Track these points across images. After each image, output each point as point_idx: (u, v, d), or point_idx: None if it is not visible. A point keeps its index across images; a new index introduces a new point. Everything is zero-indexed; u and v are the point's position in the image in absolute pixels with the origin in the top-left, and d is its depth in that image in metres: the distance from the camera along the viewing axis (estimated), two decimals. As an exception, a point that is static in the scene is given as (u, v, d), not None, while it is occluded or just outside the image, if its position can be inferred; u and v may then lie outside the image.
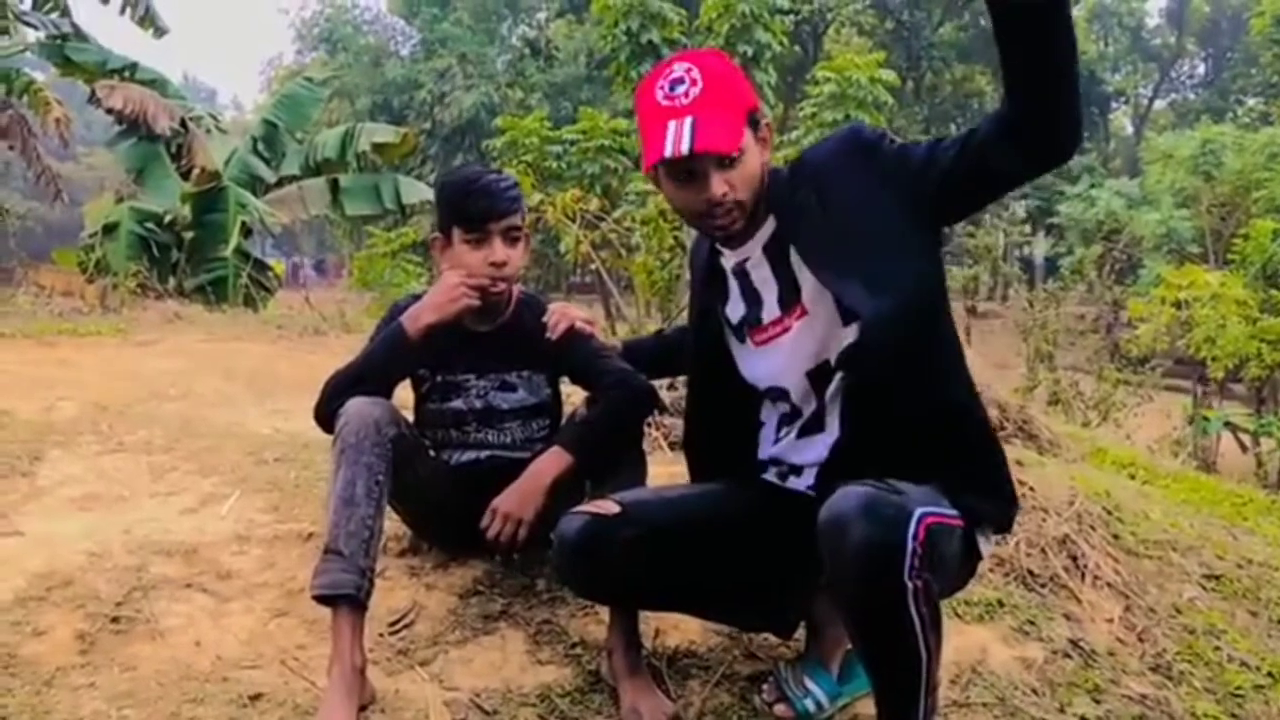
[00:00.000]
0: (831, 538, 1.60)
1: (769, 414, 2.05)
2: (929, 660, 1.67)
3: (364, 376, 2.24)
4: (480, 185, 2.27)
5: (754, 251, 1.92)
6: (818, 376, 1.90)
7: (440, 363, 2.41)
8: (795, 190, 1.86)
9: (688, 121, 1.74)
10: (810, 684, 2.09)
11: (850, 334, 1.81)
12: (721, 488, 2.06)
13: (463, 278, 2.25)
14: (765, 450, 2.05)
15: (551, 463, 2.20)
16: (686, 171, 1.80)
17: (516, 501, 2.17)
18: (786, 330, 1.92)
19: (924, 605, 1.62)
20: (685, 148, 1.73)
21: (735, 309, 2.00)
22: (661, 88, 1.79)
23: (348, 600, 1.95)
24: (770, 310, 1.94)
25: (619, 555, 1.87)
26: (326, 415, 2.17)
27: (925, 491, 1.67)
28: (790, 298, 1.90)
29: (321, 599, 1.97)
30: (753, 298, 1.96)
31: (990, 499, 1.84)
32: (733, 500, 2.02)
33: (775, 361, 1.96)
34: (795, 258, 1.86)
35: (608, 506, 1.91)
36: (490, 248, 2.26)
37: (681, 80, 1.79)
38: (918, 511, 1.61)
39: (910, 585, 1.59)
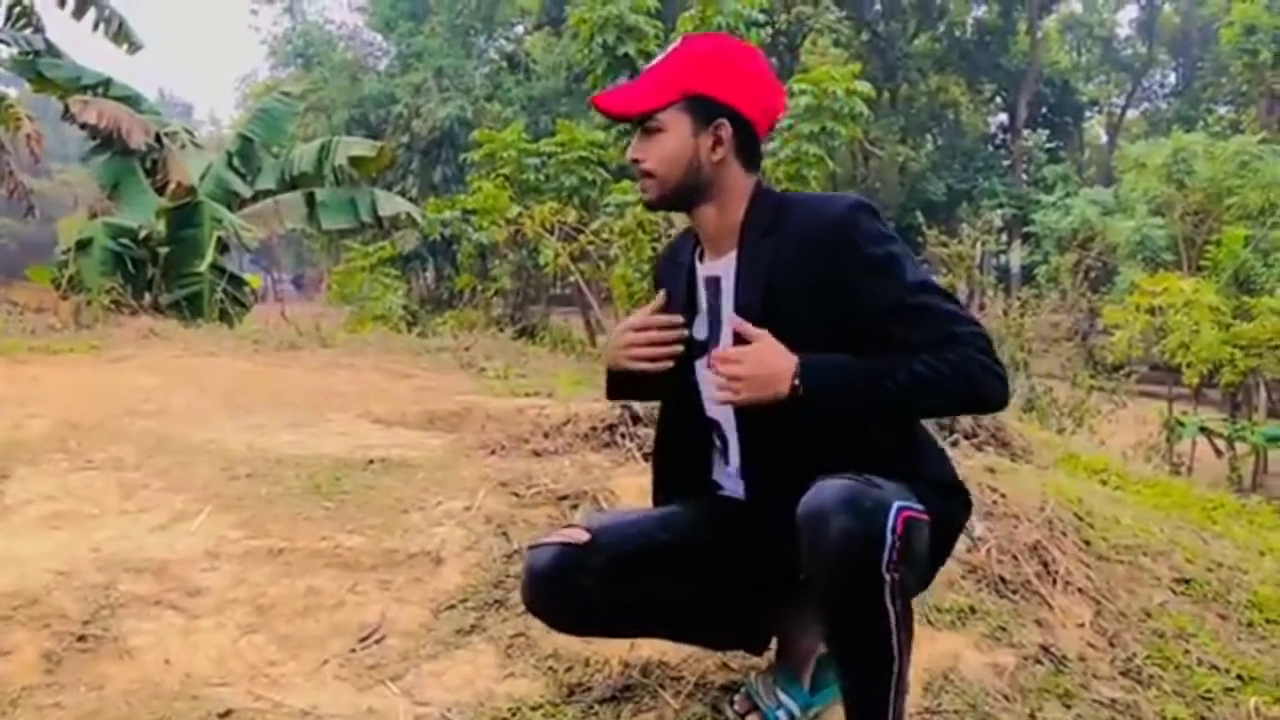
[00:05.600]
0: (811, 529, 1.62)
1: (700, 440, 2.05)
2: (900, 660, 1.69)
3: None
4: None
5: (731, 270, 1.88)
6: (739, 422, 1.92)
7: None
8: (769, 230, 1.84)
9: (628, 83, 1.93)
10: (782, 695, 2.09)
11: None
12: (684, 508, 2.03)
13: None
14: (716, 472, 2.06)
15: None
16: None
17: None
18: None
19: (899, 599, 1.64)
20: (592, 98, 1.92)
21: (700, 325, 1.95)
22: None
23: None
24: (726, 340, 1.89)
25: (591, 585, 1.85)
26: None
27: (898, 487, 1.68)
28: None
29: None
30: (716, 317, 1.92)
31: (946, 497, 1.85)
32: (697, 518, 1.99)
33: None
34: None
35: (576, 535, 1.88)
36: None
37: (663, 51, 1.90)
38: (896, 504, 1.62)
39: (888, 578, 1.61)
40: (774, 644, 2.18)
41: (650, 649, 2.34)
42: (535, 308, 15.44)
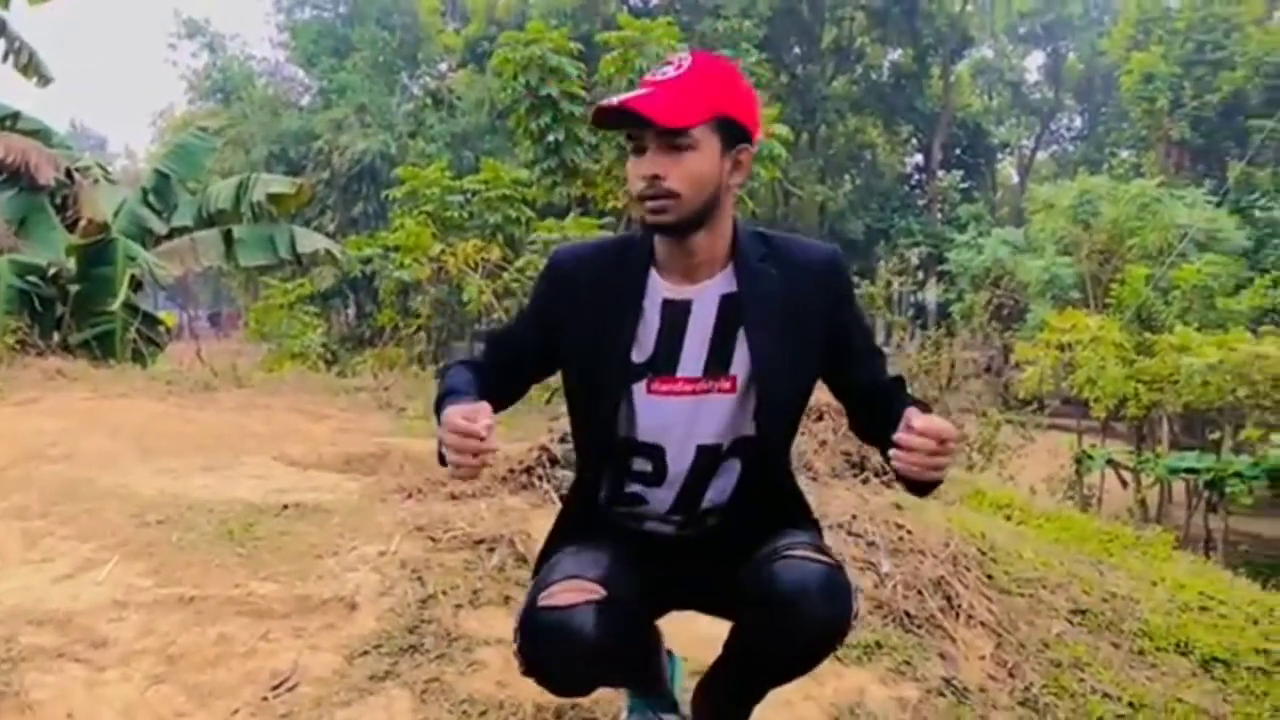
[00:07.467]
0: (794, 608, 1.68)
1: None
2: None
3: None
4: None
5: (707, 296, 1.81)
6: (703, 452, 1.85)
7: None
8: (764, 258, 1.82)
9: (645, 90, 1.70)
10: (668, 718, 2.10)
11: (751, 427, 1.84)
12: (610, 547, 1.88)
13: None
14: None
15: None
16: (639, 146, 1.72)
17: None
18: (697, 394, 1.82)
19: None
20: (622, 100, 1.67)
21: (642, 347, 1.82)
22: (651, 70, 1.77)
23: None
24: (690, 366, 1.81)
25: (617, 641, 1.76)
26: None
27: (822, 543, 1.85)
28: (719, 365, 1.81)
29: None
30: (673, 342, 1.81)
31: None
32: (636, 556, 1.89)
33: (671, 421, 1.83)
34: (743, 331, 1.80)
35: (593, 589, 1.72)
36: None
37: (671, 64, 1.74)
38: (854, 585, 1.75)
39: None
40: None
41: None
42: (459, 344, 15.38)
